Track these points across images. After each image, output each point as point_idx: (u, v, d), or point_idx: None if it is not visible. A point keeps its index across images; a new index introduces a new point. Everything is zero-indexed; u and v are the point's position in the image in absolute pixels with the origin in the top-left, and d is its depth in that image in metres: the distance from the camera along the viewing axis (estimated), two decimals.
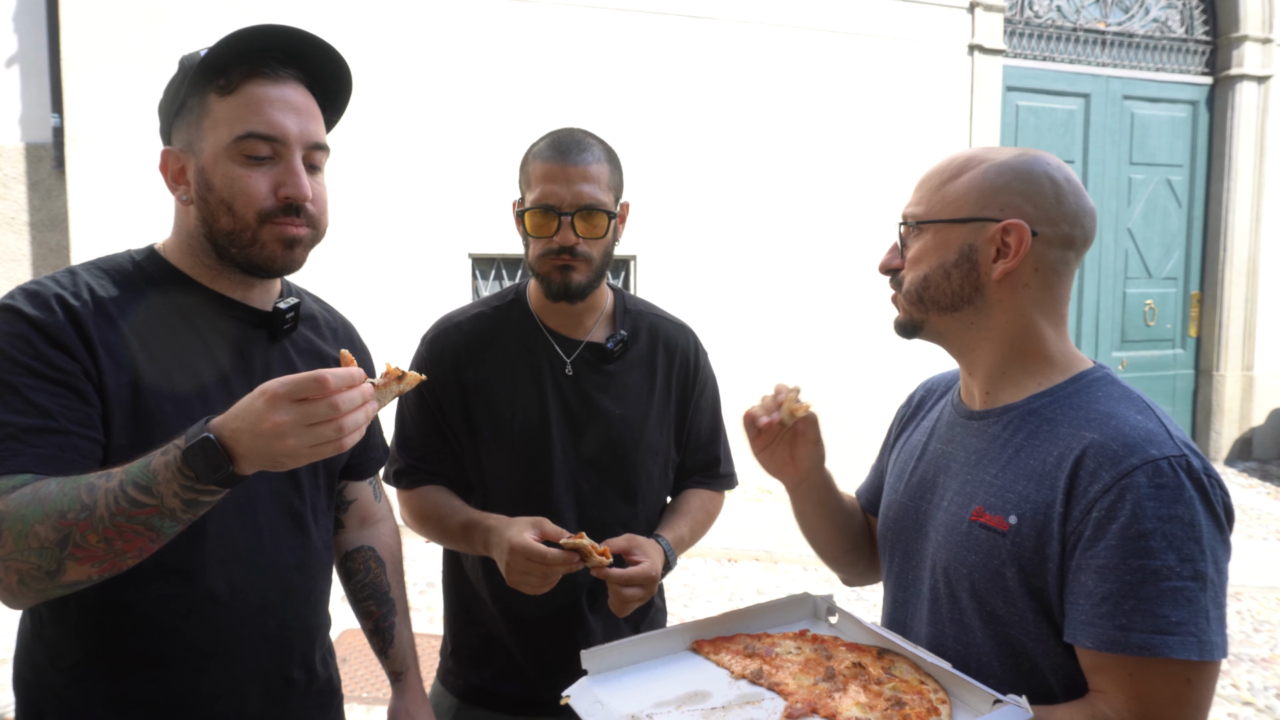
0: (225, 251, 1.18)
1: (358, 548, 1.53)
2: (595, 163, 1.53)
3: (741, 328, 5.74)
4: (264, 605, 1.23)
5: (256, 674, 1.23)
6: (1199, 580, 0.97)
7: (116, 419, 1.10)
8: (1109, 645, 0.98)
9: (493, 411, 1.60)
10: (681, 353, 1.70)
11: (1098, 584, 1.00)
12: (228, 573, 1.18)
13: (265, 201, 1.15)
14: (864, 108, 5.93)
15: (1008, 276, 1.13)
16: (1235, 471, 6.77)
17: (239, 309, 1.24)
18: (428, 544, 4.68)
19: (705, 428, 1.75)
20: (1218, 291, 6.90)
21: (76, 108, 4.68)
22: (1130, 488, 0.99)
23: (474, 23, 5.22)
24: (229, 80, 1.14)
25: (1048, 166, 1.14)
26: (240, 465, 0.93)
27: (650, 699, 1.10)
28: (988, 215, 1.12)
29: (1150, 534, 0.98)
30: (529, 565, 1.39)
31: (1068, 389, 1.13)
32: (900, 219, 1.21)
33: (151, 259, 1.22)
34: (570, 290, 1.54)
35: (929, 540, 1.21)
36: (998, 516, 1.09)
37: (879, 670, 1.12)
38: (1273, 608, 4.33)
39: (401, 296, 5.08)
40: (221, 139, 1.14)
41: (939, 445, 1.26)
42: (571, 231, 1.50)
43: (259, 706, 1.24)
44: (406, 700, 1.53)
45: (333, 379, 0.90)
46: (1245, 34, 6.61)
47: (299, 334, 1.33)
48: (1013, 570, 1.07)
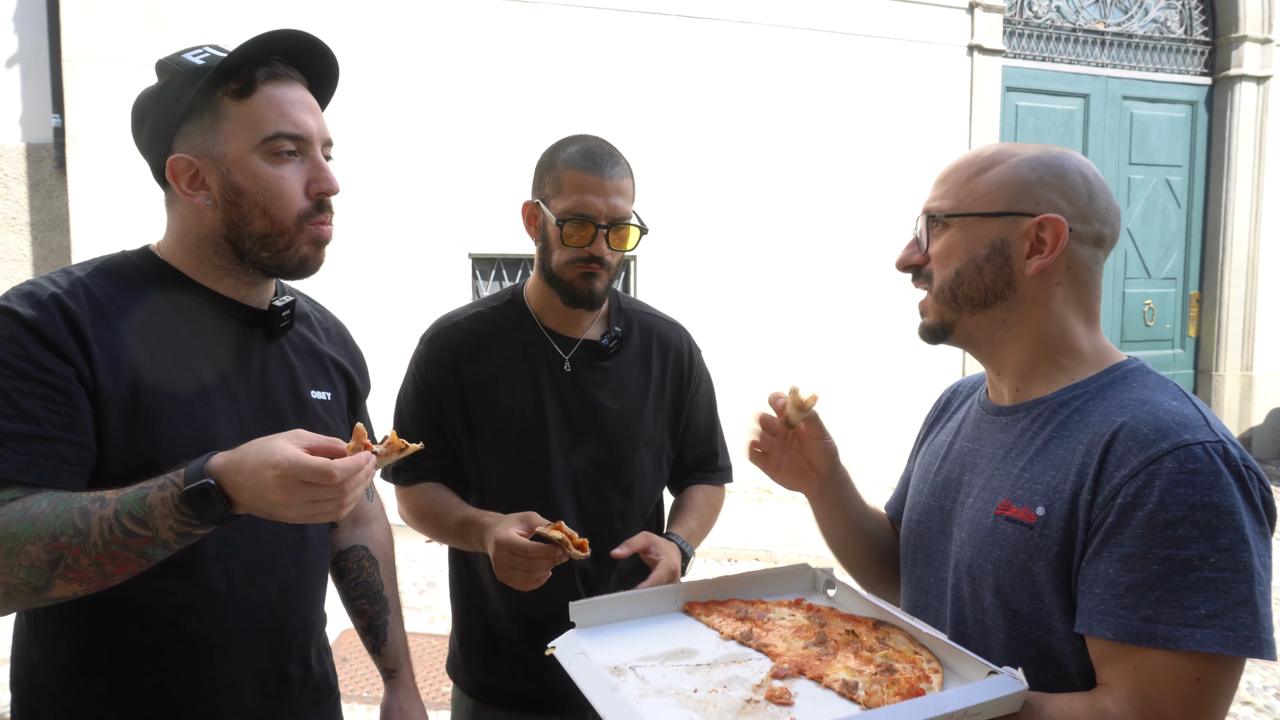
0: (251, 254, 1.19)
1: (351, 547, 1.54)
2: (625, 176, 1.59)
3: (741, 328, 5.75)
4: (261, 600, 1.23)
5: (253, 669, 1.24)
6: (1240, 571, 0.91)
7: (113, 418, 1.10)
8: (1131, 636, 0.93)
9: (491, 409, 1.62)
10: (675, 349, 1.74)
11: (1121, 573, 0.95)
12: (225, 568, 1.19)
13: (301, 202, 1.19)
14: (864, 108, 5.94)
15: (1042, 273, 1.09)
16: None
17: (236, 308, 1.25)
18: (428, 544, 4.70)
19: (702, 422, 1.79)
20: (1217, 291, 6.90)
21: (77, 108, 4.68)
22: (1159, 473, 0.94)
23: (474, 23, 5.22)
24: (244, 84, 1.16)
25: (1079, 163, 1.11)
26: (237, 509, 0.98)
27: (635, 653, 1.10)
28: (1023, 210, 1.08)
29: (1179, 522, 0.92)
30: (513, 560, 1.42)
31: (1100, 381, 1.09)
32: (923, 213, 1.16)
33: (147, 259, 1.23)
34: (594, 298, 1.58)
35: (952, 540, 1.17)
36: (1024, 509, 1.05)
37: (873, 640, 1.10)
38: (1273, 608, 4.33)
39: (402, 296, 5.08)
40: (247, 141, 1.16)
41: (965, 443, 1.22)
42: (604, 243, 1.55)
43: (256, 701, 1.25)
44: (400, 697, 1.55)
45: (339, 472, 0.94)
46: (1244, 34, 6.62)
47: (294, 332, 1.35)
48: (1040, 565, 1.02)
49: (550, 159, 1.61)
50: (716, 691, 1.01)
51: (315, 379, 1.35)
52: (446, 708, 3.13)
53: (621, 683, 1.03)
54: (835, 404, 5.94)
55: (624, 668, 1.06)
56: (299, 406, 1.30)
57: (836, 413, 5.92)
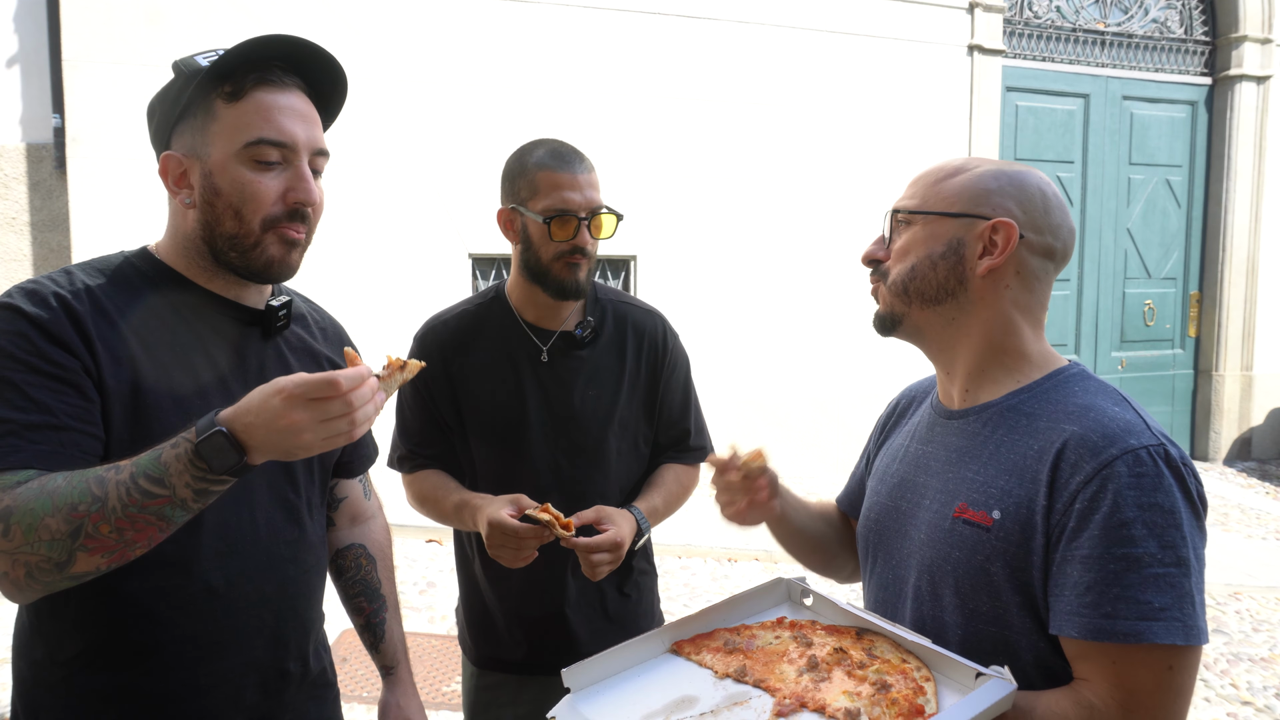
0: (223, 255, 1.20)
1: (348, 545, 1.56)
2: (593, 170, 1.71)
3: (739, 326, 5.75)
4: (260, 598, 1.24)
5: (253, 665, 1.25)
6: (1181, 566, 1.00)
7: (116, 415, 1.11)
8: (1095, 634, 1.00)
9: (476, 399, 1.74)
10: (650, 335, 1.84)
11: (1082, 574, 1.02)
12: (224, 565, 1.20)
13: (273, 208, 1.18)
14: (863, 108, 5.94)
15: (991, 273, 1.15)
16: (1234, 471, 6.77)
17: (233, 308, 1.26)
18: (428, 544, 4.70)
19: (676, 404, 1.88)
20: (1217, 291, 6.90)
21: (77, 108, 4.68)
22: (1111, 478, 1.02)
23: (473, 24, 5.22)
24: (236, 87, 1.16)
25: (1040, 180, 1.18)
26: (252, 456, 0.97)
27: (637, 712, 1.08)
28: (980, 213, 1.15)
29: (1131, 522, 1.00)
30: (504, 539, 1.54)
31: (1045, 385, 1.16)
32: (891, 211, 1.23)
33: (145, 259, 1.24)
34: (579, 287, 1.70)
35: (911, 540, 1.22)
36: (981, 512, 1.11)
37: (860, 653, 1.11)
38: (1272, 607, 4.33)
39: (402, 297, 5.08)
40: (231, 145, 1.16)
41: (919, 446, 1.28)
42: (587, 233, 1.67)
43: (256, 698, 1.26)
44: (397, 694, 1.56)
45: (344, 380, 0.95)
46: (1244, 34, 6.62)
47: (291, 332, 1.36)
48: (998, 565, 1.09)
49: (519, 165, 1.71)
50: None
51: None
52: (447, 707, 3.14)
53: None
54: (832, 401, 5.95)
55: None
56: None
57: (836, 411, 5.93)
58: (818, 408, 6.00)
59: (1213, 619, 4.16)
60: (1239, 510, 5.85)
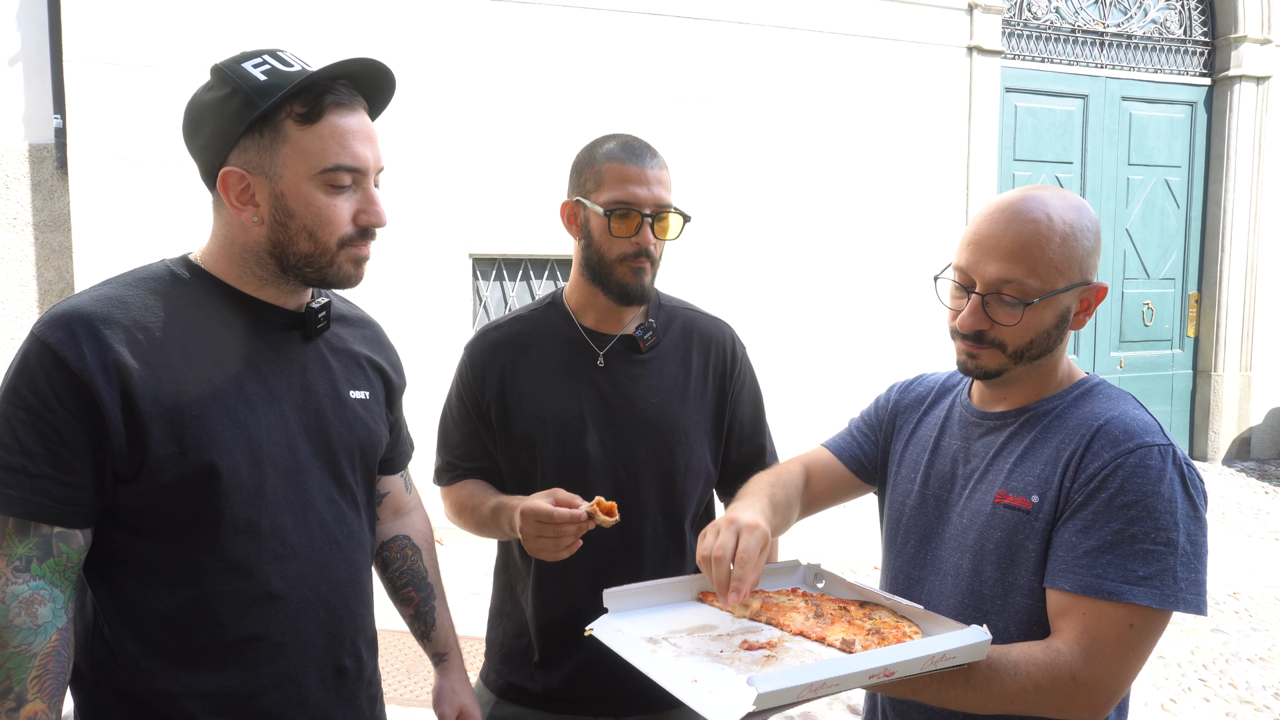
0: (297, 270, 1.23)
1: (393, 537, 1.58)
2: (664, 168, 1.62)
3: (740, 325, 5.75)
4: (316, 598, 1.28)
5: (313, 663, 1.28)
6: (1169, 546, 1.15)
7: (159, 430, 1.13)
8: (1084, 589, 1.16)
9: (530, 408, 1.65)
10: (718, 345, 1.74)
11: (1081, 540, 1.18)
12: (283, 568, 1.23)
13: (346, 229, 1.22)
14: (863, 109, 5.94)
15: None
16: (1233, 471, 6.78)
17: (273, 311, 1.27)
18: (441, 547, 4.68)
19: (748, 420, 1.78)
20: (1216, 292, 6.92)
21: (79, 108, 4.69)
22: (1122, 466, 1.18)
23: (474, 24, 5.23)
24: (310, 109, 1.17)
25: (1095, 216, 1.28)
26: None
27: (665, 627, 1.26)
28: (1085, 280, 1.26)
29: (1132, 504, 1.16)
30: (540, 528, 1.44)
31: (1073, 394, 1.31)
32: (996, 290, 1.23)
33: (187, 267, 1.25)
34: (644, 292, 1.61)
35: (951, 525, 1.35)
36: (1021, 497, 1.26)
37: (862, 616, 1.28)
38: (1270, 607, 4.34)
39: (402, 297, 5.09)
40: (306, 169, 1.17)
41: (953, 441, 1.41)
42: (650, 232, 1.57)
43: (318, 694, 1.29)
44: (452, 679, 1.60)
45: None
46: (1244, 35, 6.63)
47: (330, 333, 1.37)
48: (1035, 543, 1.23)
49: (589, 156, 1.63)
50: (739, 651, 1.20)
51: (353, 379, 1.38)
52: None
53: (657, 649, 1.19)
54: (836, 396, 5.95)
55: (658, 638, 1.22)
56: (339, 407, 1.33)
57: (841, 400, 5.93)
58: (825, 396, 6.00)
59: (1212, 618, 4.17)
60: (1238, 510, 5.86)
